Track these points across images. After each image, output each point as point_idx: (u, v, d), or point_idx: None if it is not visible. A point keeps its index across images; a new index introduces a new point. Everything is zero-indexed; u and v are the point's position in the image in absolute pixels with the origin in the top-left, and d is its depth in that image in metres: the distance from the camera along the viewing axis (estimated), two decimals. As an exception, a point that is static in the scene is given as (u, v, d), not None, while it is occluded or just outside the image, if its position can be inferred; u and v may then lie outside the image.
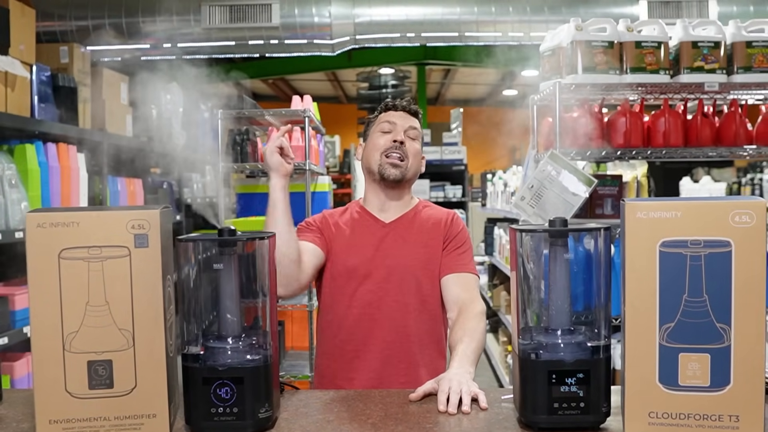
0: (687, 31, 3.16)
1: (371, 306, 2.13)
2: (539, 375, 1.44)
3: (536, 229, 1.49)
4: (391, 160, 2.17)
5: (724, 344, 1.38)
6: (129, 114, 5.35)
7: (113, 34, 5.48)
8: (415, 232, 2.20)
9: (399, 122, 2.21)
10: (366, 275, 2.14)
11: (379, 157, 2.18)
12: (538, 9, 5.34)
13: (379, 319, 2.12)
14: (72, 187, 4.30)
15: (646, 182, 3.91)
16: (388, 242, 2.18)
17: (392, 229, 2.21)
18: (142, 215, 1.45)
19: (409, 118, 2.25)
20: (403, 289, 2.14)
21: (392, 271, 2.14)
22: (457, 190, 9.22)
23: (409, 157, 2.19)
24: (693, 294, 1.38)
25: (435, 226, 2.22)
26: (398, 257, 2.15)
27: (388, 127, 2.21)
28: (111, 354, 1.46)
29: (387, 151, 2.17)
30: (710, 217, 1.37)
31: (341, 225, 2.22)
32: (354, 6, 5.46)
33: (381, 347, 2.11)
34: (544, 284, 1.50)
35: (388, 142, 2.18)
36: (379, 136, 2.22)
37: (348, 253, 2.16)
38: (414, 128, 2.23)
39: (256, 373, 1.48)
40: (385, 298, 2.13)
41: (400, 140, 2.17)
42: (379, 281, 2.14)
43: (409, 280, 2.14)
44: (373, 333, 2.12)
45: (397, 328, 2.12)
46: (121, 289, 1.45)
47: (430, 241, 2.19)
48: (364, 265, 2.14)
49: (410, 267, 2.15)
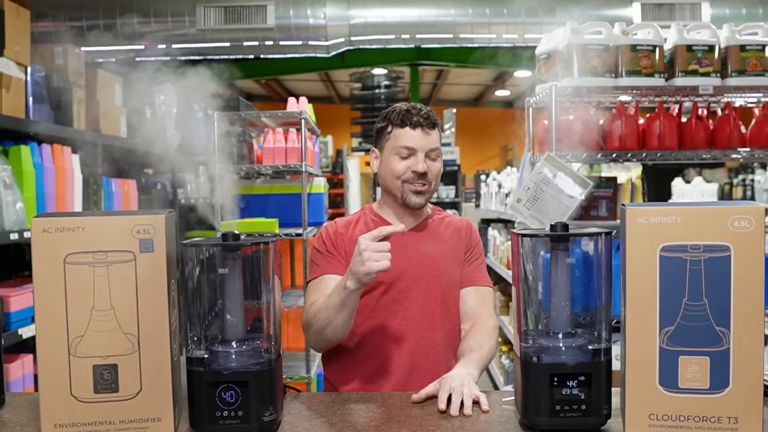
0: (681, 34, 3.19)
1: (396, 317, 2.03)
2: (541, 378, 1.46)
3: (538, 233, 1.51)
4: (414, 187, 2.04)
5: (724, 347, 1.40)
6: (123, 115, 5.34)
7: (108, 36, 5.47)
8: (436, 240, 2.12)
9: (419, 145, 2.03)
10: (389, 284, 2.04)
11: (400, 185, 2.06)
12: (533, 11, 5.37)
13: (405, 331, 2.03)
14: (67, 188, 4.29)
15: (640, 184, 3.93)
16: (410, 251, 2.08)
17: (413, 237, 2.11)
18: (148, 220, 1.46)
19: (429, 136, 2.05)
20: (428, 298, 2.05)
21: (417, 280, 2.05)
22: (450, 191, 9.24)
23: (433, 181, 2.07)
24: (693, 298, 1.40)
25: (454, 234, 2.15)
26: (423, 266, 2.06)
27: (406, 153, 2.04)
28: (116, 358, 1.47)
29: (408, 180, 2.05)
30: (710, 222, 1.40)
31: (355, 235, 2.06)
32: (349, 7, 5.47)
33: (407, 359, 2.02)
34: (545, 288, 1.52)
35: (408, 172, 2.04)
36: (396, 160, 2.05)
37: None
38: (435, 148, 2.06)
39: (261, 376, 1.49)
40: (411, 308, 2.04)
41: (423, 171, 2.03)
42: (403, 291, 2.05)
43: (434, 289, 2.06)
44: (400, 345, 2.03)
45: (424, 339, 2.04)
46: (127, 293, 1.46)
47: (450, 250, 2.12)
48: (386, 275, 1.97)
49: (435, 276, 2.07)
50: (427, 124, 2.05)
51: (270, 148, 4.15)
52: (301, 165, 3.97)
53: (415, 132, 2.04)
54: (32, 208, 3.90)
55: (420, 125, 2.04)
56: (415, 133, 2.04)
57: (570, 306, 1.50)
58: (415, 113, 2.05)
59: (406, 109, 2.07)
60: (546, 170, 3.14)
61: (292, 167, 4.03)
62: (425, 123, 2.05)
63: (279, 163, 4.10)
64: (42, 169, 4.03)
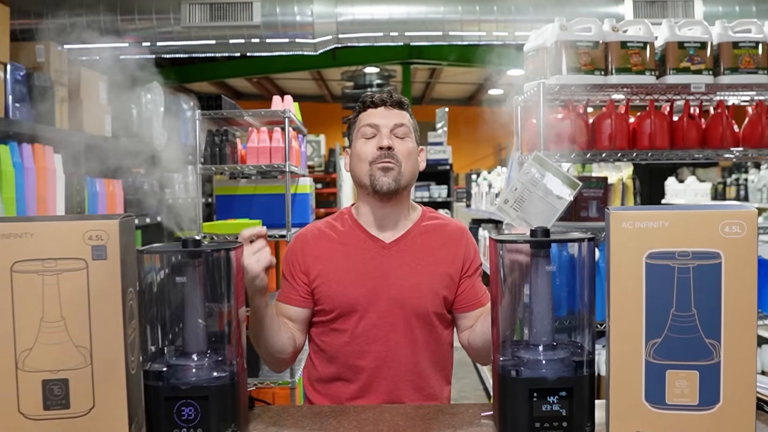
0: (673, 31, 3.11)
1: (377, 342, 1.87)
2: (519, 393, 1.37)
3: (517, 240, 1.42)
4: (381, 164, 1.87)
5: (714, 361, 1.31)
6: (108, 113, 5.25)
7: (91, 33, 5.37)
8: (422, 255, 1.92)
9: (382, 122, 1.90)
10: (367, 308, 1.87)
11: (367, 168, 1.89)
12: (523, 8, 5.29)
13: (386, 357, 1.88)
14: (48, 189, 4.21)
15: (631, 184, 3.85)
16: (391, 268, 1.90)
17: (395, 251, 1.92)
18: (100, 225, 1.36)
19: (393, 113, 1.93)
20: (412, 321, 1.88)
21: (398, 303, 1.87)
22: (442, 190, 9.17)
23: (401, 160, 1.89)
24: (681, 308, 1.31)
25: (447, 245, 1.95)
26: (405, 288, 1.88)
27: (370, 131, 1.91)
28: (67, 372, 1.37)
29: (374, 160, 1.88)
30: (699, 228, 1.31)
31: (331, 248, 1.94)
32: (336, 5, 5.38)
33: (389, 386, 1.88)
34: (525, 297, 1.43)
35: (373, 150, 1.88)
36: (362, 143, 1.92)
37: (345, 283, 1.88)
38: (401, 124, 1.92)
39: (222, 391, 1.41)
40: (391, 334, 1.87)
41: (387, 146, 1.87)
42: (382, 315, 1.87)
43: (418, 310, 1.88)
44: (382, 372, 1.88)
45: (408, 364, 1.88)
46: (78, 303, 1.36)
47: (440, 267, 1.92)
48: (364, 296, 1.86)
49: (419, 298, 1.88)
50: (391, 102, 1.94)
51: (254, 147, 4.06)
52: (285, 165, 3.88)
53: (377, 110, 1.94)
54: (12, 209, 3.81)
55: (383, 102, 1.94)
56: (377, 111, 1.94)
57: (551, 316, 1.41)
58: (377, 96, 1.96)
59: (370, 93, 1.99)
60: (534, 170, 3.05)
61: (276, 167, 3.94)
62: (388, 100, 1.94)
63: (263, 163, 4.01)
64: (23, 169, 3.95)
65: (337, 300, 1.89)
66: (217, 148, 4.00)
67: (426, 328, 1.90)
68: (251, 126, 4.27)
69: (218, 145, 4.02)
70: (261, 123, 4.29)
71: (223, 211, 4.37)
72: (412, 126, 1.97)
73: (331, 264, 1.91)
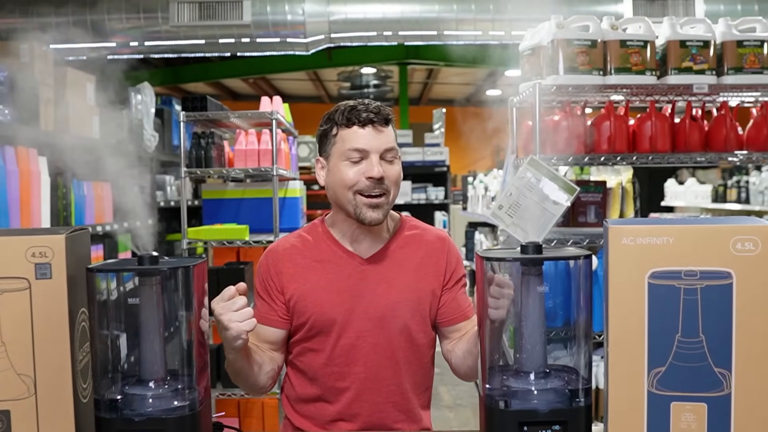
0: (674, 29, 2.98)
1: (357, 364, 1.77)
2: (508, 426, 1.24)
3: (506, 257, 1.29)
4: (369, 200, 1.71)
5: (724, 392, 1.18)
6: (96, 115, 5.12)
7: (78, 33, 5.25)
8: (401, 270, 1.80)
9: (372, 145, 1.71)
10: (344, 327, 1.76)
11: (352, 197, 1.72)
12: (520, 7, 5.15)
13: (365, 378, 1.77)
14: (32, 192, 4.10)
15: (631, 188, 3.73)
16: (369, 285, 1.78)
17: (372, 267, 1.79)
18: (44, 241, 1.23)
19: (382, 135, 1.74)
20: (392, 339, 1.77)
21: (378, 322, 1.76)
22: (439, 192, 9.05)
23: (391, 188, 1.74)
24: (687, 333, 1.18)
25: (427, 258, 1.83)
26: (384, 306, 1.76)
27: (357, 156, 1.72)
28: (8, 403, 1.24)
29: (362, 190, 1.72)
30: (708, 244, 1.18)
31: (306, 266, 1.81)
32: (329, 3, 5.24)
33: (371, 408, 1.77)
34: (514, 320, 1.30)
35: (361, 179, 1.71)
36: (346, 166, 1.73)
37: (321, 302, 1.77)
38: (391, 148, 1.74)
39: (181, 423, 1.27)
40: (372, 354, 1.76)
41: (378, 177, 1.70)
42: (361, 334, 1.76)
43: (399, 331, 1.77)
44: (362, 393, 1.77)
45: (390, 385, 1.78)
46: (20, 327, 1.24)
47: (421, 281, 1.80)
48: (342, 316, 1.76)
49: (400, 316, 1.77)
50: (379, 120, 1.73)
51: (242, 150, 3.93)
52: (272, 168, 3.75)
53: (364, 130, 1.72)
54: (-1, 228, 3.70)
55: (370, 122, 1.72)
56: (364, 132, 1.72)
57: (543, 341, 1.28)
58: (362, 109, 1.73)
59: (352, 106, 1.75)
60: (529, 175, 2.92)
61: (263, 170, 3.81)
62: (376, 119, 1.73)
63: (251, 166, 3.88)
64: (5, 173, 3.83)
65: (314, 319, 1.77)
66: (203, 151, 3.88)
67: (409, 347, 1.79)
68: (239, 128, 4.15)
69: (204, 147, 3.89)
70: (249, 125, 4.17)
71: (210, 216, 4.25)
72: (395, 139, 1.80)
73: (307, 283, 1.79)
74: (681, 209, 8.63)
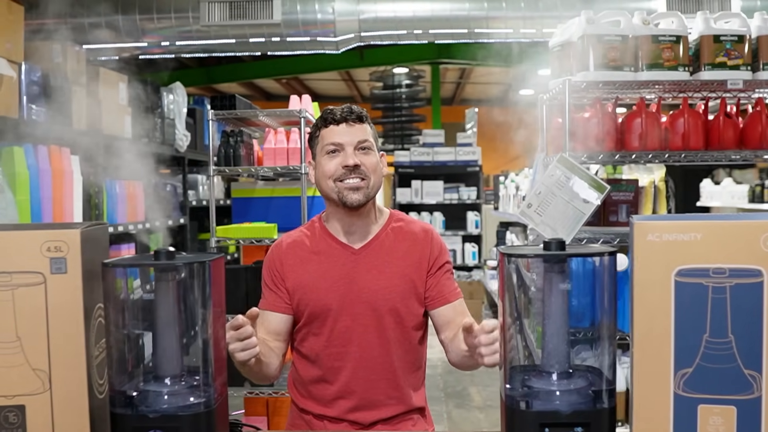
0: (708, 24, 2.90)
1: (352, 344, 1.96)
2: (529, 427, 1.20)
3: (528, 254, 1.25)
4: (348, 184, 1.94)
5: (754, 395, 1.13)
6: (128, 114, 5.17)
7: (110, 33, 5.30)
8: (389, 258, 2.00)
9: (345, 139, 1.95)
10: (340, 311, 1.96)
11: (333, 185, 1.95)
12: (551, 4, 5.08)
13: (363, 360, 1.96)
14: (65, 191, 4.14)
15: (664, 187, 3.64)
16: (360, 272, 1.98)
17: (363, 256, 2.00)
18: (59, 235, 1.23)
19: (355, 129, 1.97)
20: (382, 322, 1.96)
21: (369, 305, 1.96)
22: (471, 192, 8.99)
23: (369, 174, 1.96)
24: (716, 333, 1.14)
25: (412, 247, 2.02)
26: (374, 290, 1.96)
27: (333, 148, 1.96)
28: (24, 398, 1.24)
29: (340, 177, 1.94)
30: (737, 241, 1.13)
31: (304, 258, 2.02)
32: (359, 2, 5.22)
33: (365, 385, 1.96)
34: (537, 319, 1.26)
35: (338, 168, 1.94)
36: (326, 159, 1.97)
37: (318, 290, 1.97)
38: (364, 140, 1.97)
39: (196, 420, 1.26)
40: (365, 335, 1.96)
41: (353, 164, 1.93)
42: (356, 317, 1.96)
43: (389, 313, 1.96)
44: (358, 371, 1.96)
45: (383, 363, 1.97)
46: (35, 322, 1.23)
47: (407, 268, 2.00)
48: (337, 301, 1.96)
49: (389, 299, 1.96)
50: (351, 117, 1.97)
51: (271, 149, 3.94)
52: (300, 167, 3.74)
53: (339, 127, 1.96)
54: (26, 211, 3.74)
55: (344, 120, 1.97)
56: (339, 128, 1.96)
57: (566, 340, 1.24)
58: (338, 110, 1.98)
59: (330, 109, 2.00)
60: (558, 173, 2.87)
61: (291, 169, 3.81)
62: (349, 116, 1.97)
63: (280, 164, 3.89)
64: (37, 172, 3.88)
65: (312, 305, 1.97)
66: (232, 149, 3.88)
67: (398, 328, 1.97)
68: (269, 127, 4.15)
69: (233, 146, 3.90)
70: (278, 123, 4.17)
71: (239, 214, 4.26)
72: (373, 136, 2.02)
73: (306, 273, 1.99)
74: (717, 209, 8.45)
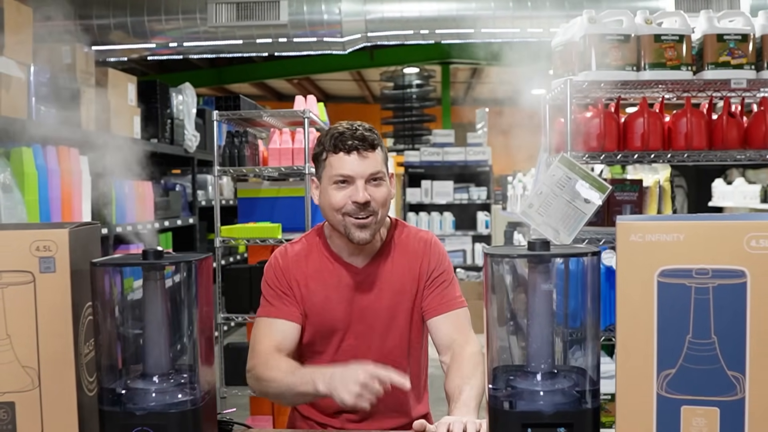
0: (711, 23, 2.89)
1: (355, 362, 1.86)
2: (511, 427, 1.20)
3: (511, 254, 1.25)
4: (357, 222, 1.81)
5: (737, 396, 1.13)
6: (137, 115, 5.21)
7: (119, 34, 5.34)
8: (391, 275, 1.93)
9: (357, 171, 1.80)
10: (345, 330, 1.91)
11: (341, 218, 1.83)
12: (558, 4, 5.07)
13: None
14: (74, 191, 4.17)
15: (669, 187, 3.62)
16: (364, 291, 1.91)
17: (366, 275, 1.92)
18: (48, 235, 1.24)
19: (366, 159, 1.81)
20: (387, 339, 1.91)
21: (374, 323, 1.90)
22: (481, 192, 8.96)
23: (378, 209, 1.83)
24: (698, 334, 1.13)
25: (412, 261, 1.95)
26: (377, 309, 1.90)
27: (342, 179, 1.81)
28: (13, 395, 1.26)
29: (349, 213, 1.81)
30: (720, 241, 1.13)
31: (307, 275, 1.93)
32: (365, 2, 5.24)
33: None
34: (520, 318, 1.26)
35: (347, 203, 1.81)
36: (334, 190, 1.82)
37: (323, 311, 1.90)
38: (376, 171, 1.82)
39: (183, 418, 1.27)
40: (368, 353, 1.88)
41: (363, 201, 1.79)
42: (359, 336, 1.91)
43: (392, 331, 1.91)
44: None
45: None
46: (25, 320, 1.25)
47: (407, 284, 1.93)
48: (341, 321, 1.90)
49: (392, 317, 1.91)
50: (364, 146, 1.81)
51: (276, 149, 3.96)
52: (304, 167, 3.76)
53: (350, 157, 1.81)
54: (35, 211, 3.77)
55: (355, 149, 1.80)
56: (350, 159, 1.80)
57: (550, 340, 1.24)
58: (348, 135, 1.81)
59: (340, 132, 1.83)
60: (560, 172, 2.86)
61: (296, 169, 3.82)
62: (361, 145, 1.80)
63: (284, 164, 3.90)
64: (46, 172, 3.91)
65: (317, 326, 1.91)
66: (236, 150, 3.90)
67: (401, 344, 1.93)
68: (274, 127, 4.17)
69: (237, 146, 3.92)
70: (283, 124, 4.19)
71: (245, 214, 4.28)
72: (384, 160, 1.88)
73: (309, 293, 1.91)
74: (729, 209, 8.39)
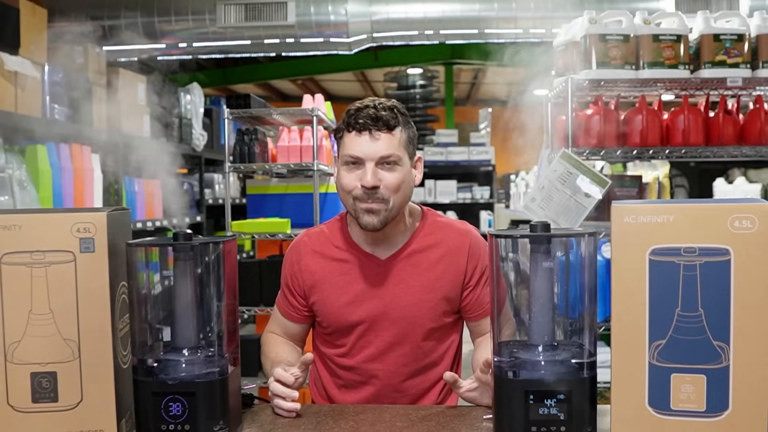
0: (708, 23, 2.99)
1: (374, 360, 1.81)
2: (515, 395, 1.31)
3: (514, 234, 1.35)
4: (365, 206, 1.69)
5: (722, 364, 1.23)
6: (147, 114, 5.31)
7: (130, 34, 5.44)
8: (419, 270, 1.79)
9: (366, 153, 1.67)
10: (364, 329, 1.80)
11: (351, 201, 1.72)
12: (561, 5, 5.17)
13: (380, 373, 1.81)
14: (86, 188, 4.26)
15: (668, 183, 3.73)
16: (387, 286, 1.78)
17: (390, 268, 1.79)
18: (88, 218, 1.35)
19: (379, 140, 1.68)
20: (407, 340, 1.79)
21: (397, 322, 1.78)
22: (485, 191, 9.05)
23: (389, 196, 1.69)
24: (687, 308, 1.24)
25: (447, 257, 1.80)
26: (402, 307, 1.78)
27: (352, 160, 1.70)
28: (55, 365, 1.36)
29: (358, 197, 1.70)
30: (706, 222, 1.23)
31: (325, 266, 1.83)
32: (371, 3, 5.33)
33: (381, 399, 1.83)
34: (523, 295, 1.37)
35: (356, 186, 1.69)
36: (345, 171, 1.72)
37: (341, 305, 1.80)
38: (388, 155, 1.68)
39: (210, 387, 1.37)
40: (392, 353, 1.80)
41: (371, 185, 1.67)
42: (381, 334, 1.79)
43: (418, 330, 1.79)
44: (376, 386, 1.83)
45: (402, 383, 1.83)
46: (66, 296, 1.35)
47: (439, 281, 1.79)
48: (360, 318, 1.79)
49: (419, 315, 1.78)
50: (376, 125, 1.67)
51: (284, 146, 4.06)
52: (312, 164, 3.86)
53: (361, 137, 1.68)
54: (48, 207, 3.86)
55: (367, 128, 1.67)
56: (360, 139, 1.68)
57: (550, 315, 1.34)
58: (364, 114, 1.68)
59: (357, 109, 1.71)
60: (561, 168, 2.96)
61: (304, 165, 3.92)
62: (373, 125, 1.67)
63: (293, 161, 4.00)
64: (59, 169, 4.00)
65: (334, 321, 1.83)
66: (246, 147, 4.01)
67: (428, 345, 1.82)
68: (282, 125, 4.27)
69: (247, 144, 4.02)
70: (292, 122, 4.29)
71: (254, 211, 4.38)
72: (405, 142, 1.73)
73: (326, 283, 1.83)
74: (729, 209, 8.43)
